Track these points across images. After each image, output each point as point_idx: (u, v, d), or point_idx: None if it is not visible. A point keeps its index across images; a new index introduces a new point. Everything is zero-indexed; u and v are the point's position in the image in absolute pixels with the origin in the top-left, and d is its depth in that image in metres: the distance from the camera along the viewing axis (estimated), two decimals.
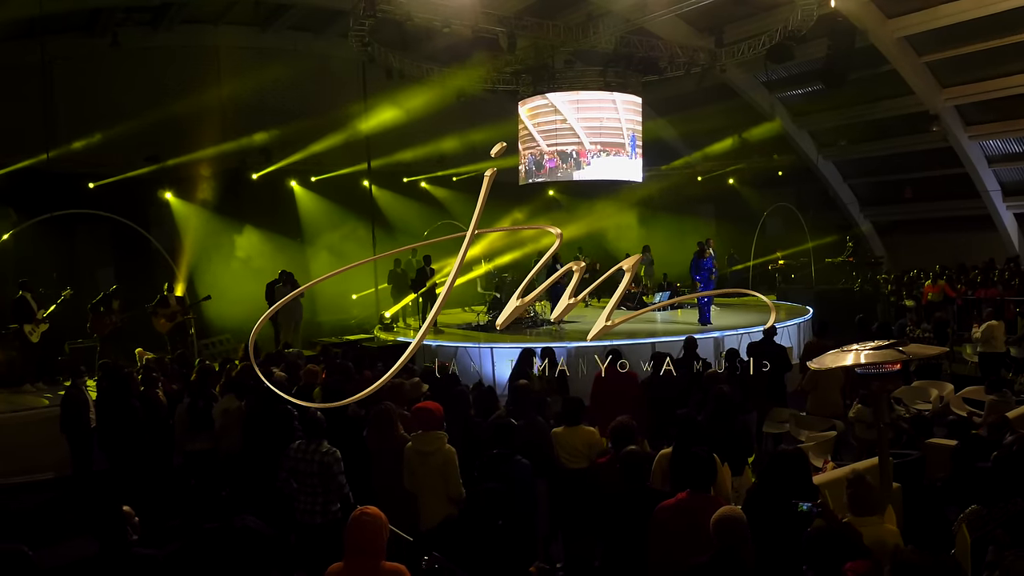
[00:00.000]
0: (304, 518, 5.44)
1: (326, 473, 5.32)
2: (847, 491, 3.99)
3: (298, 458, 5.48)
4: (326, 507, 5.40)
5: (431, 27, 13.85)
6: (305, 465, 5.42)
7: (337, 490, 5.36)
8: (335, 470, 5.32)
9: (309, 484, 5.41)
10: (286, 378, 7.31)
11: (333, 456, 5.36)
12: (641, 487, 4.34)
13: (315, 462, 5.37)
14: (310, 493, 5.42)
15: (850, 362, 4.51)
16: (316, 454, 5.39)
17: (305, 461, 5.42)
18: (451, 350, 12.40)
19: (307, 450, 5.44)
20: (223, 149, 16.93)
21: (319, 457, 5.37)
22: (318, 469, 5.35)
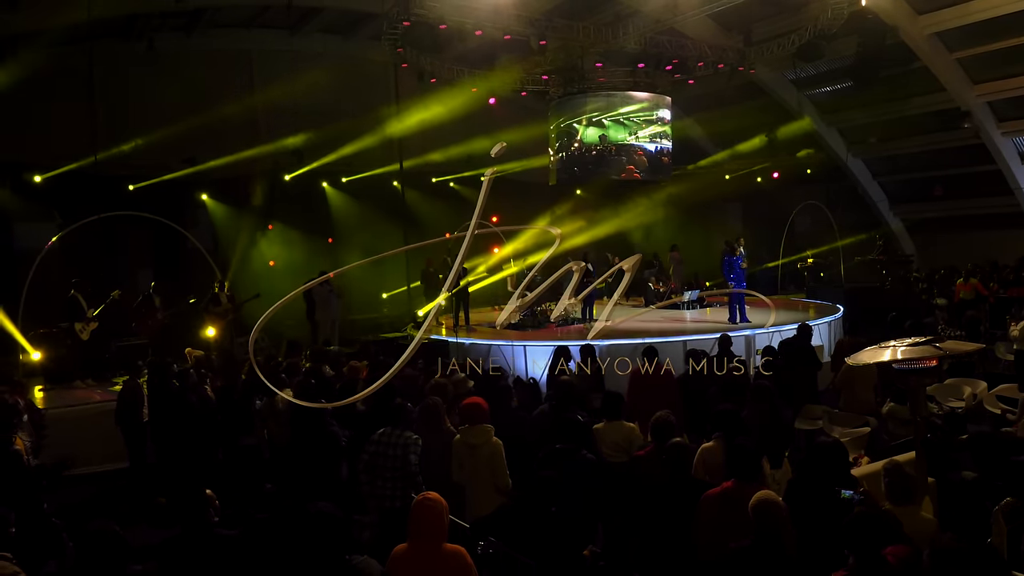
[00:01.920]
0: (384, 503, 5.65)
1: (405, 458, 5.51)
2: (884, 480, 4.13)
3: (382, 442, 5.68)
4: (405, 492, 5.57)
5: (463, 30, 14.04)
6: (388, 449, 5.62)
7: (412, 476, 5.55)
8: (412, 458, 5.51)
9: (389, 468, 5.62)
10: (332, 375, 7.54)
11: (415, 444, 5.56)
12: (685, 478, 4.51)
13: (399, 445, 5.57)
14: (390, 478, 5.63)
15: (887, 358, 4.64)
16: (401, 438, 5.60)
17: (390, 445, 5.62)
18: (484, 348, 12.59)
19: (391, 435, 5.65)
20: (257, 151, 17.24)
21: (402, 441, 5.58)
22: (401, 452, 5.55)
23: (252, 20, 17.97)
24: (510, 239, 18.33)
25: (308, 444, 6.38)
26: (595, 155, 18.84)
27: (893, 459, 4.46)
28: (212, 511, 4.17)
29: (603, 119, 18.52)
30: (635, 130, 18.81)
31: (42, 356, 11.72)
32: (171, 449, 7.31)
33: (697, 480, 4.55)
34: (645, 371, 7.72)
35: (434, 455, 5.87)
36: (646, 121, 18.81)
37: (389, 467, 5.56)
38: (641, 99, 18.66)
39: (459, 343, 12.62)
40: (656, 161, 19.12)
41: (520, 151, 20.18)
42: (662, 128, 19.11)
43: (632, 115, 18.55)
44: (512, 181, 20.64)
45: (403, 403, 5.87)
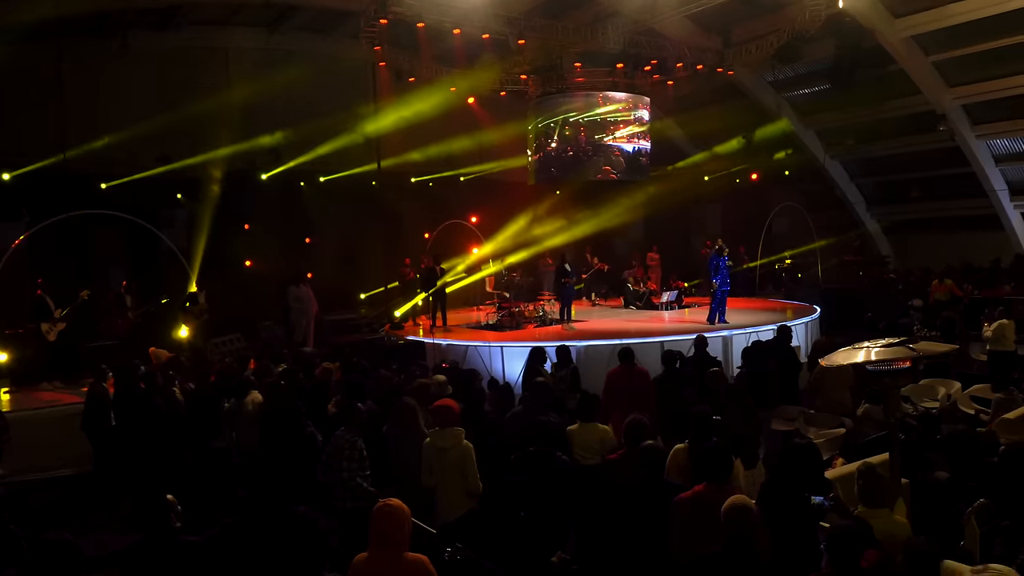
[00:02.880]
0: (336, 504, 5.65)
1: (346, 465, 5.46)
2: (858, 483, 4.09)
3: (334, 444, 5.66)
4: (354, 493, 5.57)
5: (441, 28, 13.93)
6: (336, 451, 5.59)
7: (347, 481, 5.50)
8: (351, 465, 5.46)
9: (337, 471, 5.60)
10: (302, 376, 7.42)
11: (350, 446, 5.51)
12: (658, 480, 4.45)
13: (341, 448, 5.54)
14: (339, 481, 5.64)
15: (861, 359, 4.60)
16: (345, 441, 5.57)
17: (337, 447, 5.59)
18: (461, 349, 12.50)
19: (340, 437, 5.60)
20: (233, 150, 17.02)
21: (341, 444, 5.54)
22: (339, 456, 5.51)
23: (228, 17, 17.74)
24: (489, 239, 18.29)
25: (282, 447, 6.26)
26: (571, 155, 18.80)
27: (867, 461, 4.43)
28: (174, 516, 4.05)
29: (580, 119, 18.44)
30: (613, 130, 18.75)
31: (8, 357, 11.48)
32: (138, 454, 7.15)
33: (670, 483, 4.49)
34: (621, 372, 7.65)
35: (409, 457, 5.78)
36: (624, 121, 18.75)
37: (337, 469, 5.51)
38: (619, 99, 18.62)
39: (436, 344, 12.50)
40: (634, 161, 19.08)
41: (500, 151, 20.17)
42: (640, 128, 19.08)
43: (610, 115, 18.48)
44: (492, 181, 20.60)
45: (351, 403, 5.76)
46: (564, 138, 18.63)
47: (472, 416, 6.19)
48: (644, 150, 19.23)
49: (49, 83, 15.57)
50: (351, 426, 5.65)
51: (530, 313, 15.17)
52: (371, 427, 6.41)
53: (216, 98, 16.71)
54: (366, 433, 6.29)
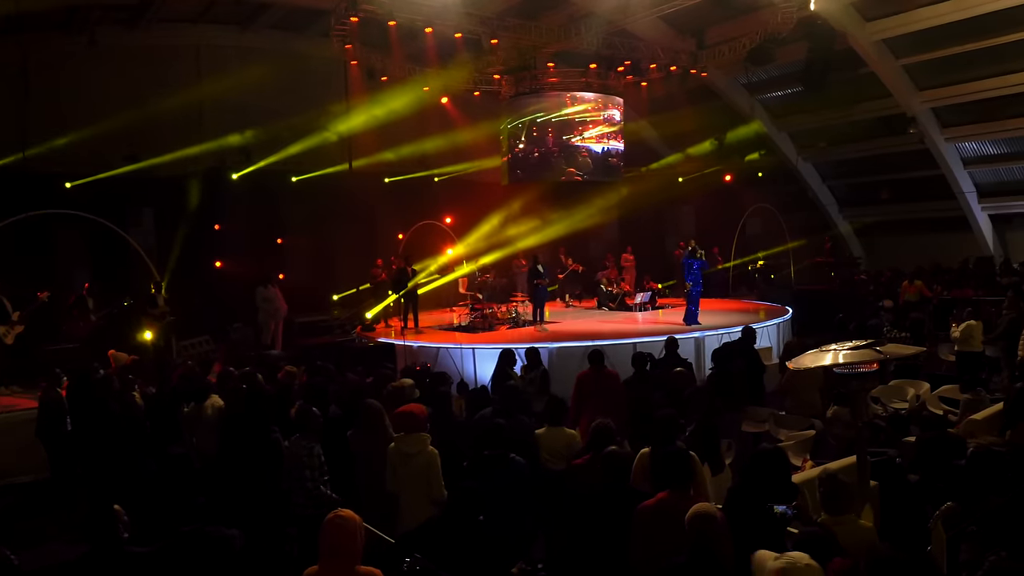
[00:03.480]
0: (296, 511, 5.56)
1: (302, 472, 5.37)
2: (819, 490, 4.03)
3: (291, 452, 5.56)
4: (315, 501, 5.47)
5: (413, 27, 13.81)
6: (293, 459, 5.48)
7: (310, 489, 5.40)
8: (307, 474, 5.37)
9: (297, 479, 5.47)
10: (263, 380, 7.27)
11: (308, 454, 5.40)
12: (622, 487, 4.37)
13: (298, 456, 5.44)
14: (299, 488, 5.53)
15: (828, 362, 4.56)
16: (303, 448, 5.46)
17: (294, 455, 5.49)
18: (433, 351, 12.38)
19: (297, 444, 5.49)
20: (203, 149, 16.78)
21: (299, 451, 5.43)
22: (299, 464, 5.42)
23: (200, 15, 17.47)
24: (462, 240, 18.18)
25: (244, 453, 6.11)
26: (537, 157, 18.72)
27: (827, 467, 4.38)
28: (122, 527, 3.91)
29: (549, 120, 18.37)
30: (582, 131, 18.65)
31: None
32: (95, 461, 6.95)
33: (635, 490, 4.41)
34: (591, 375, 7.58)
35: (375, 462, 5.65)
36: (593, 121, 18.62)
37: (296, 477, 5.40)
38: (588, 99, 18.48)
39: (407, 346, 12.37)
40: (603, 162, 18.94)
41: (474, 151, 20.07)
42: (611, 129, 18.97)
43: (578, 116, 18.39)
44: (466, 181, 20.50)
45: (308, 408, 5.64)
46: (532, 139, 18.53)
47: (440, 421, 6.06)
48: (615, 151, 19.14)
49: (13, 80, 15.22)
50: (307, 432, 5.53)
51: (503, 315, 15.09)
52: (335, 432, 6.29)
53: (186, 96, 16.46)
54: (329, 438, 6.18)
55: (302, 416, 5.62)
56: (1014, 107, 17.68)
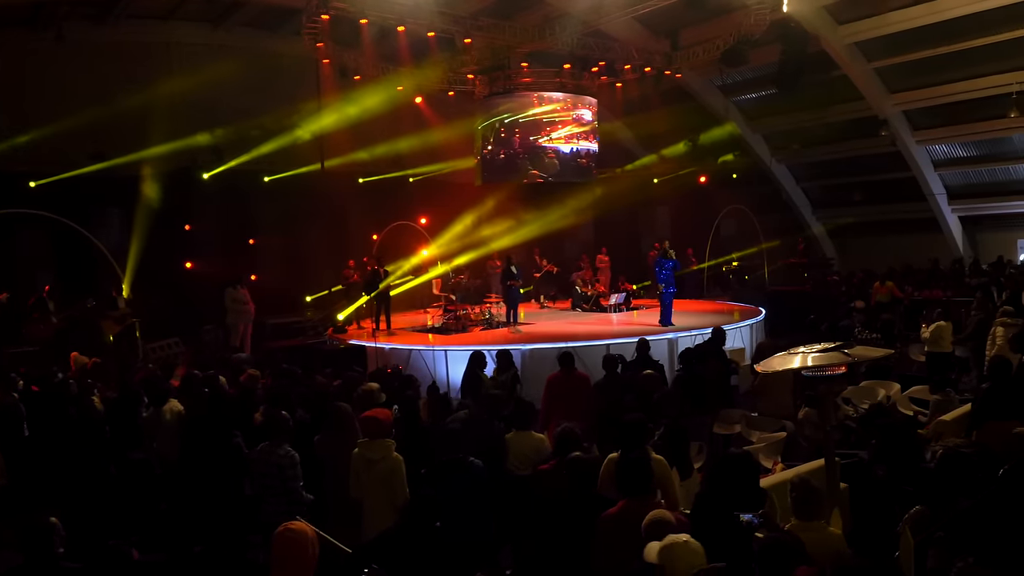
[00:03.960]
0: (269, 519, 5.32)
1: (282, 476, 5.22)
2: (791, 495, 3.98)
3: (260, 460, 5.39)
4: (290, 509, 5.28)
5: (385, 25, 13.67)
6: (265, 467, 5.32)
7: (292, 494, 5.25)
8: (288, 474, 5.22)
9: (271, 487, 5.31)
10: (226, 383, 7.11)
11: (289, 459, 5.26)
12: (587, 494, 4.28)
13: (273, 464, 5.27)
14: (274, 495, 5.33)
15: (797, 365, 4.51)
16: (274, 456, 5.30)
17: (265, 463, 5.32)
18: (404, 353, 12.24)
19: (267, 451, 5.34)
20: (173, 147, 16.50)
21: (275, 459, 5.28)
22: (276, 471, 5.26)
23: (171, 12, 17.21)
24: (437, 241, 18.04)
25: (205, 458, 5.95)
26: (503, 159, 18.63)
27: (801, 473, 4.33)
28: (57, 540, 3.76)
29: (516, 120, 18.25)
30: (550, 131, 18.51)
31: None
32: (51, 467, 6.75)
33: (600, 497, 4.32)
34: (560, 378, 7.50)
35: (341, 467, 5.52)
36: (562, 121, 18.49)
37: (269, 485, 5.24)
38: (556, 99, 18.35)
39: (378, 348, 12.21)
40: (571, 163, 18.80)
41: (449, 151, 19.94)
42: (581, 129, 18.81)
43: (546, 116, 18.27)
44: (441, 182, 20.37)
45: (277, 413, 5.51)
46: (499, 140, 18.44)
47: (406, 425, 5.94)
48: (585, 151, 18.97)
49: None
50: (277, 438, 5.37)
51: (476, 316, 14.99)
52: (301, 437, 6.15)
53: (156, 94, 16.17)
54: (298, 443, 6.04)
55: (271, 421, 5.46)
56: (983, 110, 17.91)
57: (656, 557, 3.38)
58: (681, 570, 3.34)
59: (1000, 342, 10.07)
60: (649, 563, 3.36)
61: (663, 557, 3.36)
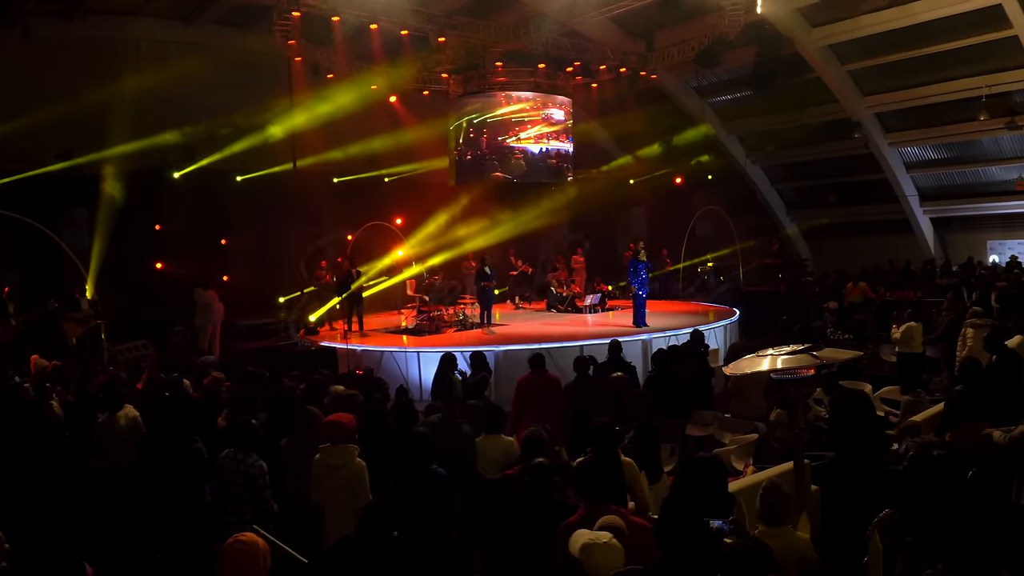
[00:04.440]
0: (233, 528, 5.18)
1: (251, 486, 5.06)
2: (760, 501, 3.91)
3: (225, 467, 5.23)
4: (257, 518, 5.13)
5: (358, 23, 13.51)
6: (231, 475, 5.16)
7: (261, 504, 5.10)
8: (258, 484, 5.07)
9: (236, 495, 5.16)
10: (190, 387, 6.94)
11: (259, 469, 5.11)
12: (550, 501, 4.19)
13: (240, 473, 5.12)
14: (238, 504, 5.19)
15: (766, 367, 4.46)
16: (242, 465, 5.15)
17: (231, 471, 5.17)
18: (376, 355, 12.10)
19: (234, 459, 5.18)
20: (142, 146, 16.21)
21: (243, 468, 5.12)
22: (244, 480, 5.10)
23: (141, 8, 16.91)
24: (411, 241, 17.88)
25: (163, 465, 5.79)
26: (470, 159, 18.54)
27: (771, 478, 4.27)
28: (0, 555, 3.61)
29: (484, 120, 18.12)
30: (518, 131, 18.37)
31: None
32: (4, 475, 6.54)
33: (564, 503, 4.23)
34: (531, 380, 7.41)
35: (304, 473, 5.39)
36: (531, 121, 18.35)
37: (234, 493, 5.10)
38: (525, 99, 18.22)
39: (350, 350, 12.06)
40: (540, 163, 18.69)
41: (424, 151, 19.80)
42: (552, 128, 18.65)
43: (515, 116, 18.14)
44: (416, 182, 20.22)
45: (245, 421, 5.36)
46: (468, 141, 18.33)
47: (373, 430, 5.82)
48: (555, 151, 18.84)
49: None
50: (244, 446, 5.22)
51: (450, 317, 14.87)
52: (265, 441, 6.00)
53: (125, 92, 15.88)
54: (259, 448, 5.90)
55: (239, 428, 5.29)
56: (953, 113, 18.11)
57: (577, 551, 3.48)
58: (599, 569, 3.43)
59: (971, 343, 10.12)
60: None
61: (583, 553, 3.47)
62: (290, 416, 6.23)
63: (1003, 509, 5.12)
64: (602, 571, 3.42)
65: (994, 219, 20.13)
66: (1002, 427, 5.80)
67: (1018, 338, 8.72)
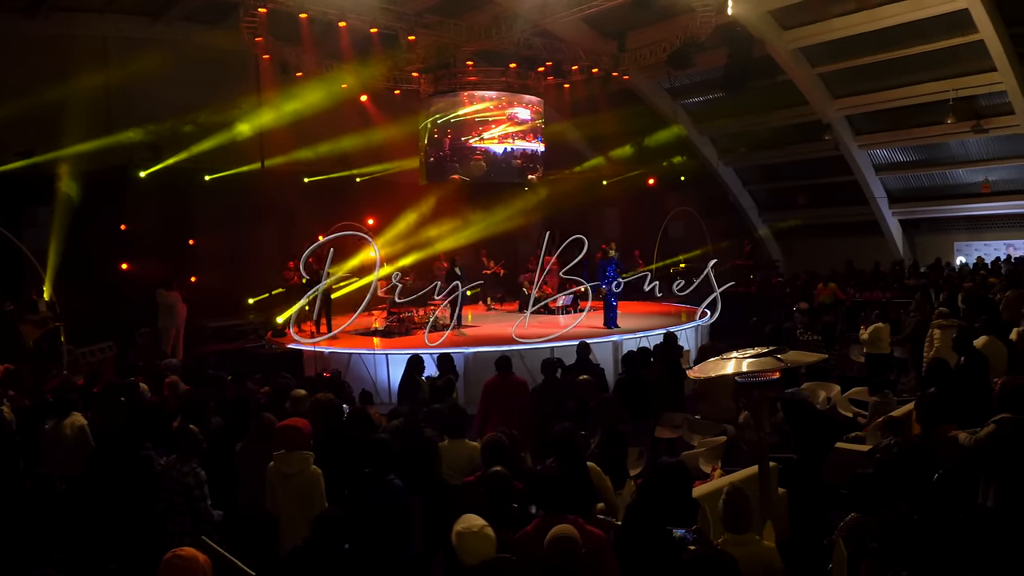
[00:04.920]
0: (173, 540, 5.01)
1: (188, 495, 4.90)
2: (723, 507, 3.83)
3: (166, 475, 5.07)
4: (196, 529, 4.97)
5: (326, 20, 13.33)
6: (171, 484, 5.00)
7: (199, 514, 4.94)
8: (195, 493, 4.91)
9: (176, 504, 5.00)
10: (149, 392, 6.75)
11: (195, 477, 4.94)
12: (508, 510, 4.08)
13: (178, 481, 4.95)
14: (179, 513, 5.02)
15: (731, 370, 4.40)
16: (179, 473, 4.98)
17: (171, 479, 5.00)
18: (344, 357, 11.91)
19: (174, 467, 5.02)
20: (108, 144, 15.90)
21: (180, 476, 4.96)
22: (182, 489, 4.94)
23: (107, 4, 16.59)
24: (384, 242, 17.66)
25: (113, 473, 5.59)
26: (433, 161, 18.43)
27: (734, 482, 4.20)
28: None
29: (447, 120, 17.96)
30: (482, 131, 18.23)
31: None
32: None
33: (523, 512, 4.11)
34: (497, 383, 7.29)
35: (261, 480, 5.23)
36: (496, 120, 18.18)
37: (175, 502, 4.94)
38: (488, 98, 18.02)
39: (318, 352, 11.85)
40: (503, 164, 18.51)
41: (397, 151, 19.62)
42: (517, 128, 18.47)
43: (478, 115, 17.99)
44: (388, 182, 20.04)
45: (185, 426, 5.20)
46: (432, 141, 18.18)
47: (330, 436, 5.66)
48: (521, 151, 18.68)
49: None
50: (184, 453, 5.07)
51: (420, 318, 14.71)
52: (218, 446, 5.82)
53: (91, 90, 15.59)
54: (216, 453, 5.73)
55: (180, 435, 5.14)
56: (921, 116, 18.34)
57: (453, 537, 3.69)
58: (471, 556, 3.61)
59: (938, 343, 10.17)
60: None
61: (455, 540, 3.69)
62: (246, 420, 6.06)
63: (969, 512, 5.10)
64: (474, 558, 3.58)
65: (961, 221, 20.40)
66: (968, 429, 5.80)
67: (984, 339, 8.75)
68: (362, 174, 19.70)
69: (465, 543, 3.66)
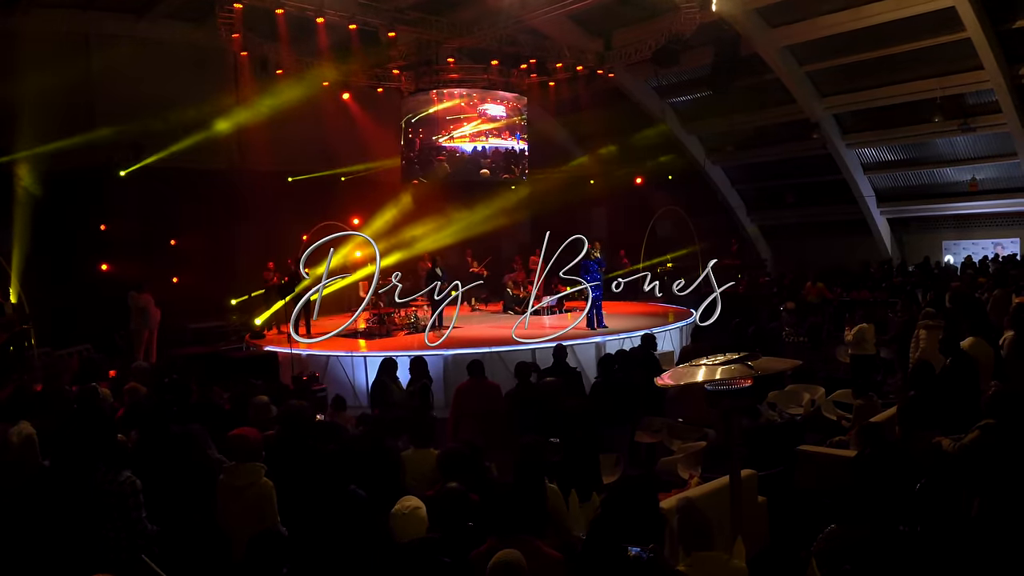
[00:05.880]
0: (108, 553, 4.77)
1: (122, 505, 4.66)
2: (678, 527, 3.63)
3: (99, 489, 4.81)
4: (131, 543, 4.73)
5: (303, 16, 13.09)
6: (104, 497, 4.75)
7: (134, 524, 4.71)
8: (130, 503, 4.67)
9: (110, 517, 4.75)
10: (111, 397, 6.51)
11: (131, 486, 4.70)
12: (463, 528, 3.88)
13: (112, 493, 4.71)
14: (114, 527, 4.77)
15: (701, 378, 4.21)
16: (113, 484, 4.74)
17: (105, 493, 4.75)
18: (323, 359, 11.69)
19: (104, 479, 4.77)
20: (88, 141, 15.63)
21: (115, 487, 4.72)
22: (116, 501, 4.70)
23: (90, 1, 16.30)
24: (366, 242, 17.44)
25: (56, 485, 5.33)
26: (406, 162, 18.28)
27: (687, 496, 4.00)
28: None
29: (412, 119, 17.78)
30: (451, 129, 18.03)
31: None
32: None
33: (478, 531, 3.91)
34: (470, 388, 7.09)
35: None
36: (467, 119, 17.96)
37: (108, 516, 4.70)
38: (456, 95, 17.81)
39: (295, 354, 11.62)
40: (474, 163, 18.30)
41: (380, 150, 19.40)
42: (491, 126, 18.22)
43: (449, 114, 17.79)
44: (372, 181, 19.82)
45: (112, 435, 4.94)
46: (407, 141, 17.97)
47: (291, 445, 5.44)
48: (492, 149, 18.46)
49: None
50: (110, 464, 4.83)
51: (401, 320, 14.49)
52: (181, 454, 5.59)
53: (72, 87, 15.36)
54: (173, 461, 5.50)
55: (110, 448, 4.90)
56: (908, 115, 18.21)
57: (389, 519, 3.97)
58: (403, 534, 3.92)
59: (923, 344, 10.01)
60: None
61: (391, 520, 3.97)
62: (216, 427, 5.85)
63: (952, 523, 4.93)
64: (407, 536, 3.89)
65: (949, 220, 20.32)
66: (952, 435, 5.62)
67: (971, 340, 8.60)
68: (346, 173, 19.49)
69: (398, 523, 3.94)
